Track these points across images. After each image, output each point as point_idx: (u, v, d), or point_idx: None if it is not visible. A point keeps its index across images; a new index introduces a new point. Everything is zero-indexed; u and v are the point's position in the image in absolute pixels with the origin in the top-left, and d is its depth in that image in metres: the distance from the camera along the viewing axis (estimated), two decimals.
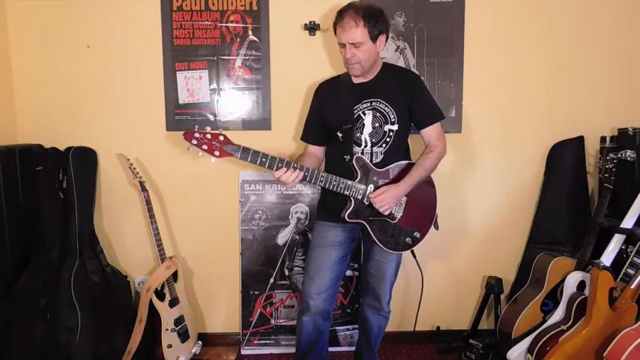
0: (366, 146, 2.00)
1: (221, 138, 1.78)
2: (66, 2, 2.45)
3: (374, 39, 1.91)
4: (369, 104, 1.99)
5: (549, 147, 2.61)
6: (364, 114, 1.99)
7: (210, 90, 2.53)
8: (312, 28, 2.47)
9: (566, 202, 2.57)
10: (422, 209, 2.07)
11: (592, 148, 2.61)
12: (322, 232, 2.08)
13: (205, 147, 1.77)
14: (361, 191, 1.94)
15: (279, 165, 1.83)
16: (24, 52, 2.47)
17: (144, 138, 2.54)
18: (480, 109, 2.59)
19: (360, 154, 1.97)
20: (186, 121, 2.53)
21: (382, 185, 1.95)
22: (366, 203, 1.95)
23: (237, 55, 2.51)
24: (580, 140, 2.59)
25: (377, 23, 1.90)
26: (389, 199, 1.91)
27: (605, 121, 2.57)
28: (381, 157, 2.00)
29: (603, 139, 2.49)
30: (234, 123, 2.54)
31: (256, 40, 2.50)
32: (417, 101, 2.04)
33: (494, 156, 2.64)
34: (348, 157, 1.97)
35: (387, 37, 2.00)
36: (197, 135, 1.77)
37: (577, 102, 2.61)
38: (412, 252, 2.16)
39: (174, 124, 2.53)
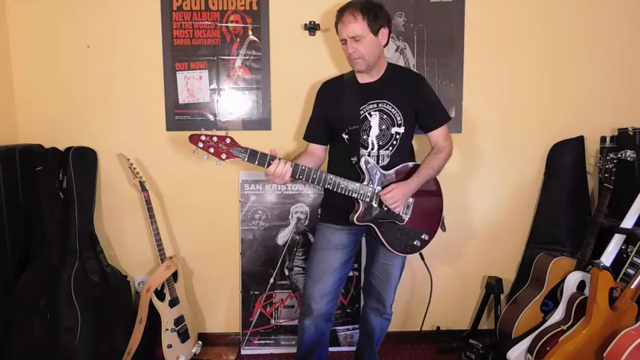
0: (372, 149, 1.98)
1: (228, 140, 1.75)
2: (66, 2, 2.45)
3: (375, 32, 1.90)
4: (375, 105, 1.97)
5: (549, 147, 2.61)
6: (370, 115, 1.97)
7: (210, 90, 2.53)
8: (312, 28, 2.47)
9: (566, 202, 2.57)
10: (429, 211, 2.06)
11: (592, 148, 2.61)
12: (327, 235, 2.05)
13: (212, 150, 1.73)
14: (369, 194, 1.93)
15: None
16: (24, 52, 2.47)
17: (144, 138, 2.54)
18: (480, 109, 2.59)
19: (367, 157, 1.95)
20: (186, 121, 2.53)
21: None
22: (375, 205, 1.94)
23: (237, 55, 2.51)
24: (580, 140, 2.59)
25: (376, 17, 1.90)
26: (399, 196, 1.90)
27: (605, 121, 2.57)
28: (388, 159, 1.99)
29: (603, 139, 2.49)
30: (234, 123, 2.54)
31: (256, 40, 2.50)
32: (424, 104, 2.02)
33: (495, 156, 2.64)
34: (355, 159, 1.95)
35: (390, 31, 1.99)
36: (203, 138, 1.72)
37: (577, 102, 2.61)
38: (421, 255, 2.15)
39: (175, 124, 2.53)
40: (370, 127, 1.97)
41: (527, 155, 2.64)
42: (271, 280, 2.62)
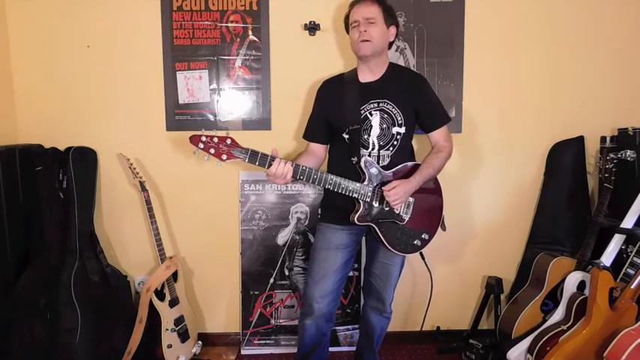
0: (373, 149, 1.98)
1: (228, 141, 1.75)
2: (66, 2, 2.45)
3: (387, 25, 1.97)
4: (376, 105, 1.97)
5: (549, 147, 2.61)
6: (371, 115, 1.97)
7: (210, 90, 2.53)
8: (312, 28, 2.47)
9: (566, 202, 2.57)
10: (429, 210, 2.06)
11: (592, 148, 2.61)
12: (327, 235, 2.05)
13: (212, 151, 1.73)
14: (369, 193, 1.93)
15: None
16: (24, 52, 2.47)
17: (144, 138, 2.54)
18: (480, 109, 2.59)
19: (367, 157, 1.95)
20: (186, 121, 2.53)
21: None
22: (375, 205, 1.94)
23: (237, 55, 2.51)
24: (580, 140, 2.59)
25: (391, 13, 2.00)
26: (402, 193, 1.90)
27: (605, 121, 2.57)
28: (388, 160, 1.99)
29: (603, 139, 2.49)
30: (234, 123, 2.54)
31: (256, 40, 2.50)
32: (424, 105, 2.03)
33: (494, 156, 2.64)
34: (355, 159, 1.95)
35: (397, 33, 2.04)
36: (204, 139, 1.72)
37: (577, 102, 2.61)
38: (421, 254, 2.14)
39: (175, 124, 2.53)
40: (371, 126, 1.97)
41: (527, 155, 2.64)
42: (271, 280, 2.62)
